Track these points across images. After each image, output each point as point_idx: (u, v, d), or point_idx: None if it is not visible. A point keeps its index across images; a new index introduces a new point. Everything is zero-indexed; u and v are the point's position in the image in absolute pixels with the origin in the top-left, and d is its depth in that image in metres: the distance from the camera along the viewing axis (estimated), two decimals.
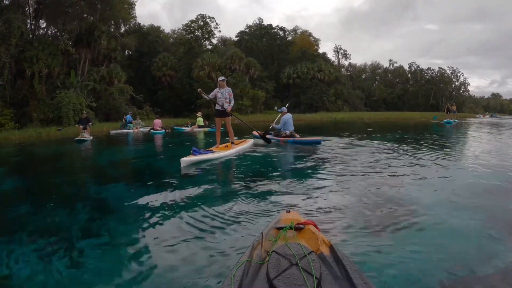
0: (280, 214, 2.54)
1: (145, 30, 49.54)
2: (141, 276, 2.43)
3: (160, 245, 2.94)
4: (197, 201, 4.23)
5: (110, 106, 31.57)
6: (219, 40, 57.88)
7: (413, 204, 3.88)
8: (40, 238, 3.19)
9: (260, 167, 6.89)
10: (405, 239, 2.92)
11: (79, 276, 2.50)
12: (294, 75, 48.27)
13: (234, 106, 9.02)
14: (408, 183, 4.93)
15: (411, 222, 3.31)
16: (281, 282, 1.49)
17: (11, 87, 27.03)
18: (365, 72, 75.24)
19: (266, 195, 4.39)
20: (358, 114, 43.29)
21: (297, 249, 1.75)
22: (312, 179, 5.47)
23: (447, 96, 65.71)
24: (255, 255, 1.82)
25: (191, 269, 2.47)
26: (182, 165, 6.56)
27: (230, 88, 8.83)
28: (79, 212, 4.00)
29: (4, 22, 25.02)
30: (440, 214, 3.52)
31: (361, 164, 6.59)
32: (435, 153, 8.31)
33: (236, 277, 1.55)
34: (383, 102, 65.63)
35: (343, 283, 1.53)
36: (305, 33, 60.18)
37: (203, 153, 7.37)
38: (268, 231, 2.16)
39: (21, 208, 4.32)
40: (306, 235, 2.04)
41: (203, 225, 3.35)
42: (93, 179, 6.61)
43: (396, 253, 2.65)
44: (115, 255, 2.81)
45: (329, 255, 1.80)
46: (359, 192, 4.46)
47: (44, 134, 20.90)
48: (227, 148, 8.49)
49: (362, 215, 3.54)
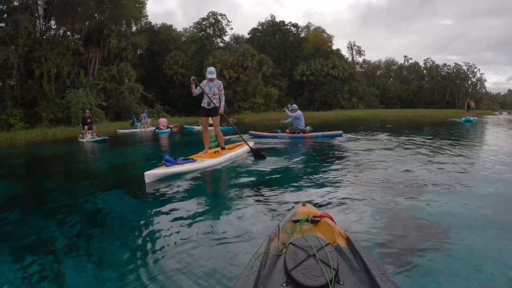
0: (295, 207, 2.51)
1: (157, 29, 48.87)
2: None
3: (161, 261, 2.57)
4: (208, 199, 4.23)
5: (121, 105, 31.14)
6: (231, 38, 56.82)
7: (430, 200, 3.75)
8: (23, 252, 2.91)
9: (271, 165, 6.48)
10: (423, 235, 2.85)
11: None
12: (308, 72, 46.77)
13: (246, 105, 7.60)
14: (429, 181, 4.69)
15: (429, 217, 3.23)
16: (299, 273, 1.48)
17: (21, 87, 26.82)
18: (379, 68, 73.11)
19: (280, 190, 4.43)
20: (374, 112, 41.82)
21: (314, 241, 1.73)
22: (328, 174, 5.43)
23: (463, 93, 63.31)
24: (272, 247, 1.82)
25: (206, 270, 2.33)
26: (146, 181, 5.13)
27: (220, 82, 7.25)
28: (68, 224, 3.61)
29: (12, 23, 24.86)
30: (460, 214, 3.32)
31: (378, 161, 6.48)
32: (461, 155, 7.19)
33: (254, 268, 1.55)
34: (398, 99, 63.57)
35: (360, 275, 1.53)
36: (318, 30, 58.56)
37: (179, 162, 5.86)
38: (284, 224, 2.17)
39: (8, 217, 4.02)
40: (322, 227, 2.05)
41: (217, 220, 3.39)
42: (87, 186, 5.83)
43: (413, 246, 2.62)
44: (101, 277, 2.46)
45: (346, 247, 1.81)
46: (375, 187, 4.40)
47: (50, 134, 20.55)
48: (216, 154, 7.01)
49: (378, 210, 3.47)
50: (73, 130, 21.18)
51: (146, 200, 4.49)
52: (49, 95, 26.73)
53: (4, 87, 26.33)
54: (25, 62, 26.36)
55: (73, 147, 13.14)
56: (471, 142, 10.42)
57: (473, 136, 12.83)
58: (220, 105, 7.11)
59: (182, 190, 4.76)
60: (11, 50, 24.26)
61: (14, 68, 24.56)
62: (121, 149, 12.19)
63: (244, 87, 40.84)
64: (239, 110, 39.46)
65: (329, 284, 1.41)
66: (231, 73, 41.07)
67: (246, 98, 40.98)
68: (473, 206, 3.51)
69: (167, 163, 5.66)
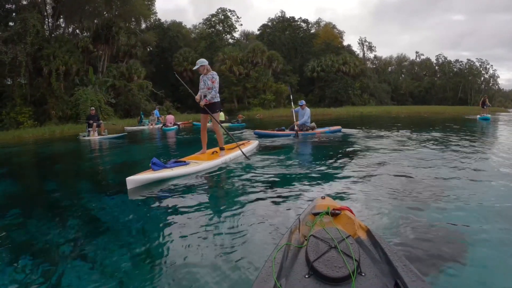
0: (315, 200, 2.44)
1: (166, 26, 48.38)
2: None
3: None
4: (221, 195, 4.24)
5: (130, 102, 30.71)
6: (241, 34, 56.12)
7: (449, 194, 3.70)
8: (22, 255, 2.76)
9: (286, 160, 6.41)
10: (440, 242, 2.63)
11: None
12: (318, 68, 45.78)
13: (256, 101, 6.78)
14: (447, 176, 4.63)
15: (446, 210, 3.22)
16: (321, 265, 1.48)
17: (30, 85, 26.66)
18: (391, 64, 71.62)
19: (295, 185, 4.38)
20: (386, 108, 40.53)
21: (334, 233, 1.73)
22: (346, 169, 5.38)
23: (475, 89, 61.64)
24: (293, 239, 1.82)
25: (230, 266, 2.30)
26: (129, 187, 4.50)
27: (215, 72, 6.40)
28: (68, 227, 3.41)
29: (20, 22, 24.70)
30: (479, 217, 3.04)
31: (395, 157, 6.30)
32: (485, 157, 6.45)
33: (276, 260, 1.56)
34: (410, 95, 61.94)
35: (382, 266, 1.53)
36: (329, 25, 57.46)
37: (168, 166, 5.12)
38: (304, 216, 2.15)
39: (8, 218, 3.82)
40: (343, 220, 2.04)
41: (236, 213, 3.35)
42: (89, 186, 5.51)
43: (432, 239, 2.60)
44: (101, 282, 2.27)
45: (367, 239, 1.79)
46: (394, 182, 4.37)
47: (57, 132, 20.12)
48: (214, 156, 6.25)
49: (397, 204, 3.44)
50: (80, 127, 20.66)
51: (151, 201, 4.11)
52: (58, 92, 26.42)
53: (13, 85, 26.14)
54: (34, 60, 26.06)
55: (78, 145, 12.62)
56: (495, 141, 9.44)
57: (495, 135, 11.66)
58: (211, 97, 6.31)
59: (191, 189, 4.47)
60: (19, 48, 23.97)
61: (22, 66, 24.30)
62: (127, 147, 11.68)
63: (254, 83, 40.19)
64: (249, 106, 38.84)
65: (352, 275, 1.41)
66: (241, 69, 40.36)
67: (256, 94, 40.36)
68: (498, 219, 3.05)
69: (154, 166, 4.92)
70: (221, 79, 41.30)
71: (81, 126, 20.91)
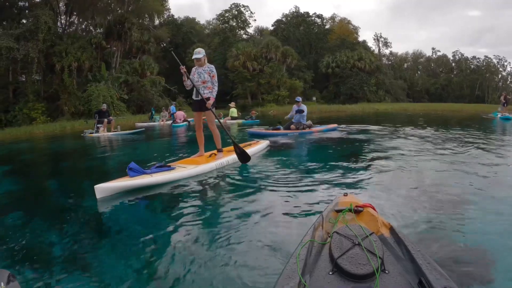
0: (337, 197, 2.41)
1: (179, 22, 47.81)
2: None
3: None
4: (236, 193, 3.99)
5: (143, 98, 30.28)
6: (255, 30, 55.13)
7: (471, 195, 3.54)
8: (20, 260, 2.59)
9: (293, 159, 6.34)
10: (463, 226, 2.75)
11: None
12: (333, 64, 44.34)
13: (270, 97, 5.85)
14: (469, 175, 4.42)
15: (469, 210, 3.11)
16: (345, 262, 1.46)
17: (43, 81, 26.86)
18: (406, 61, 69.66)
19: (315, 182, 4.30)
20: (402, 105, 38.91)
21: (358, 230, 1.68)
22: (368, 166, 5.28)
23: (493, 87, 59.49)
24: (317, 236, 1.80)
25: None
26: (98, 196, 3.92)
27: (212, 65, 5.53)
28: (69, 231, 3.16)
29: (32, 19, 24.81)
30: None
31: (415, 157, 5.95)
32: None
33: (301, 256, 1.55)
34: (426, 92, 59.82)
35: (406, 264, 1.51)
36: (344, 21, 56.02)
37: (148, 172, 4.41)
38: (327, 213, 2.13)
39: (8, 219, 3.64)
40: (365, 217, 1.99)
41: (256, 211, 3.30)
42: (91, 187, 4.76)
43: (455, 244, 2.48)
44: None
45: (390, 237, 1.77)
46: (415, 181, 4.24)
47: (68, 127, 19.81)
48: (210, 159, 5.43)
49: (419, 202, 3.34)
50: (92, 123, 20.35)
51: (159, 203, 3.93)
52: (70, 88, 26.26)
53: (26, 82, 26.14)
54: (46, 57, 26.11)
55: (86, 142, 12.09)
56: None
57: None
58: (211, 95, 5.45)
59: (202, 188, 4.31)
60: (31, 45, 23.87)
61: (34, 62, 24.26)
62: (136, 144, 11.02)
63: (268, 79, 39.09)
64: (263, 102, 37.78)
65: (376, 273, 1.39)
66: (255, 65, 39.27)
67: (270, 90, 39.29)
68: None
69: (131, 172, 4.26)
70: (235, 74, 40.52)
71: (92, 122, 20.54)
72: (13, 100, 25.55)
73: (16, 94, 25.79)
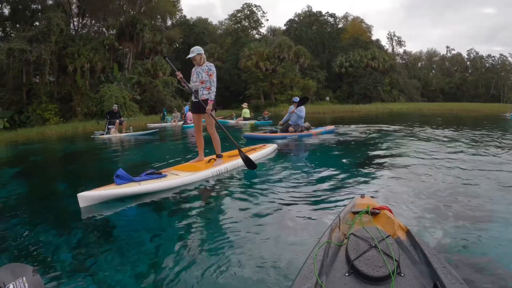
0: (354, 199, 2.38)
1: (192, 23, 47.62)
2: None
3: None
4: (248, 195, 3.83)
5: (155, 98, 30.05)
6: (268, 30, 54.67)
7: (493, 203, 3.29)
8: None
9: (299, 162, 5.99)
10: (478, 230, 2.65)
11: None
12: (347, 64, 43.59)
13: (283, 97, 5.33)
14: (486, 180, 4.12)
15: (490, 219, 2.92)
16: (362, 263, 1.45)
17: (56, 82, 26.85)
18: (420, 60, 68.26)
19: (329, 184, 4.20)
20: (416, 105, 38.05)
21: (374, 232, 1.69)
22: (385, 168, 5.13)
23: (508, 86, 57.73)
24: (333, 237, 1.79)
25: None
26: (81, 205, 3.64)
27: (212, 64, 5.08)
28: (74, 236, 3.02)
29: (44, 21, 24.87)
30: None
31: (435, 158, 5.72)
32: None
33: (318, 257, 1.54)
34: (441, 92, 58.43)
35: (421, 267, 1.49)
36: (357, 20, 55.12)
37: (137, 180, 4.03)
38: (344, 215, 2.11)
39: (11, 222, 3.47)
40: (382, 219, 1.98)
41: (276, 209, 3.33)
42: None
43: (466, 240, 2.49)
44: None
45: (406, 240, 1.76)
46: (434, 184, 4.05)
47: (80, 128, 19.45)
48: (208, 165, 4.99)
49: (437, 207, 3.21)
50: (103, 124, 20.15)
51: (167, 206, 3.74)
52: (83, 89, 26.20)
53: (39, 83, 26.11)
54: (59, 59, 26.05)
55: (96, 144, 11.66)
56: None
57: None
58: (209, 97, 4.97)
59: (213, 191, 4.18)
60: (43, 47, 23.86)
61: (46, 64, 24.21)
62: (143, 146, 10.66)
63: (281, 79, 38.52)
64: (276, 103, 37.19)
65: (391, 275, 1.39)
66: (267, 65, 38.69)
67: (283, 90, 38.74)
68: None
69: (118, 180, 3.92)
70: (248, 74, 39.92)
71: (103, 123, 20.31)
72: (26, 101, 25.55)
73: (30, 95, 25.79)
